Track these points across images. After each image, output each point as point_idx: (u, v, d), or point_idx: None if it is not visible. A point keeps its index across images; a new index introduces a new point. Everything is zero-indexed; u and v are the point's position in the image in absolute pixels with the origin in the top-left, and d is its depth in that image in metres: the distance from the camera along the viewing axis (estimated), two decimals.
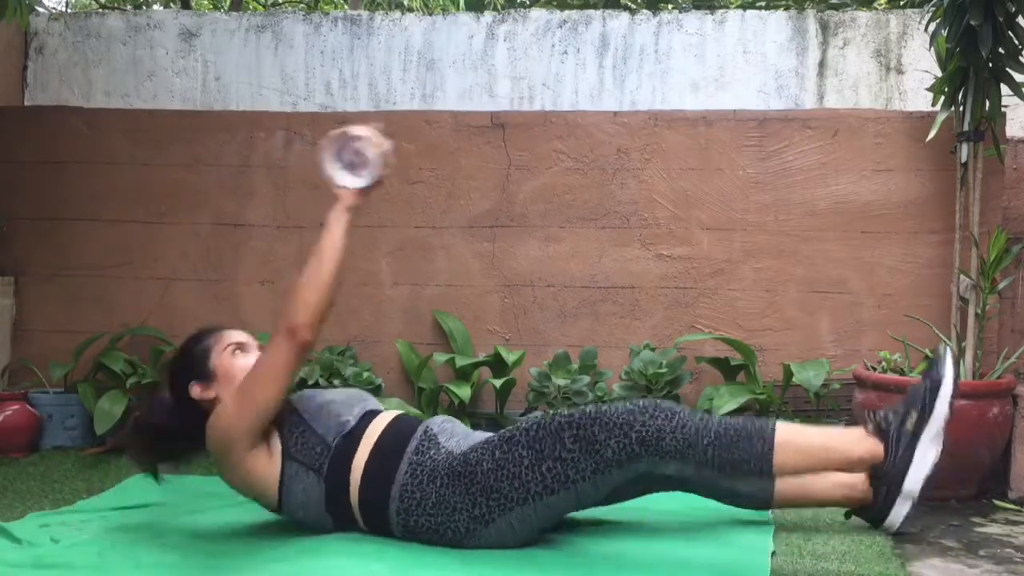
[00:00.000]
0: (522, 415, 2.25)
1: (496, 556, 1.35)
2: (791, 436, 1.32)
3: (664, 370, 2.17)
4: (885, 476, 1.30)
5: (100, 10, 3.73)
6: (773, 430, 1.31)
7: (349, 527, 1.43)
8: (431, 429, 1.42)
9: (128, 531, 1.53)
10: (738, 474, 1.31)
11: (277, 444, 1.39)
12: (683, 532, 1.51)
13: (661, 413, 1.32)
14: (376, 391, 2.27)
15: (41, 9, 2.91)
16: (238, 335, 1.50)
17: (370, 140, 1.36)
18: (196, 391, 1.42)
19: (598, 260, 2.38)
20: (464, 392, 2.17)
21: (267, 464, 1.38)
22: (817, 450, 1.31)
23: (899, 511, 1.33)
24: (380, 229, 2.45)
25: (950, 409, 1.31)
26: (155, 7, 3.90)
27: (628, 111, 2.51)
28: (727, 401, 2.06)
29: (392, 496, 1.37)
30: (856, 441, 1.31)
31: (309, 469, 1.38)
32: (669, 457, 1.31)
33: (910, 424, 1.29)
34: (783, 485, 1.34)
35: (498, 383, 2.19)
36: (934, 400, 1.31)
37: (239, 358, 1.45)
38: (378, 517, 1.40)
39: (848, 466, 1.31)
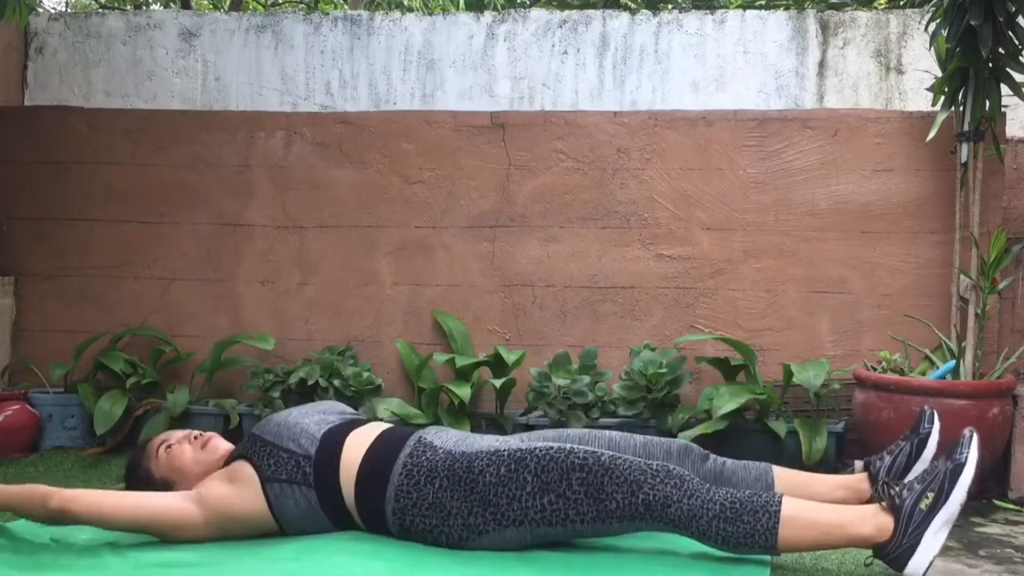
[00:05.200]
0: (522, 415, 2.26)
1: (495, 555, 1.35)
2: (797, 511, 1.29)
3: (664, 370, 2.16)
4: (889, 555, 1.27)
5: (100, 10, 3.73)
6: (779, 504, 1.29)
7: (350, 528, 1.44)
8: (425, 437, 1.44)
9: (128, 531, 1.53)
10: (741, 548, 1.30)
11: (250, 474, 1.41)
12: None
13: (671, 480, 1.31)
14: (376, 391, 2.27)
15: (41, 9, 2.90)
16: (160, 437, 1.55)
17: None
18: None
19: (598, 260, 2.38)
20: (464, 392, 2.16)
21: (248, 499, 1.41)
22: (823, 526, 1.28)
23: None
24: (380, 229, 2.45)
25: (968, 496, 1.27)
26: (155, 7, 3.90)
27: (628, 111, 2.51)
28: (727, 401, 2.06)
29: (388, 497, 1.38)
30: (865, 518, 1.28)
31: (291, 483, 1.40)
32: (671, 525, 1.31)
33: (924, 504, 1.25)
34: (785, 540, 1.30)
35: (498, 383, 2.19)
36: (953, 485, 1.26)
37: (174, 451, 1.50)
38: (376, 517, 1.41)
39: (854, 543, 1.29)
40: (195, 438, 1.51)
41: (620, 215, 2.38)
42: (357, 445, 1.42)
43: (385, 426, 1.50)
